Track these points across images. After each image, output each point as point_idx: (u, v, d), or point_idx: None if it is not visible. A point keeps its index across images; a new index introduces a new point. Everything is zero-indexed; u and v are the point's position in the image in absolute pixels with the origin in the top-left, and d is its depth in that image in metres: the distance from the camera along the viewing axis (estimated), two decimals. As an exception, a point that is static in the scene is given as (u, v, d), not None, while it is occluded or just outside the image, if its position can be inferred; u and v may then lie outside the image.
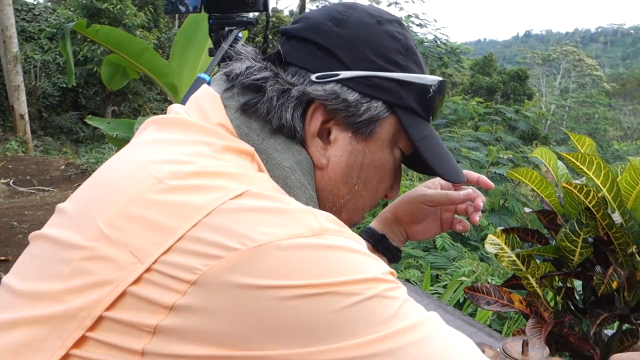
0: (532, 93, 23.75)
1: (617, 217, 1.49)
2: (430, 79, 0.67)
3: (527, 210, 1.64)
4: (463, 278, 2.95)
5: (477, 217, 0.95)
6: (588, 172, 1.40)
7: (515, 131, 9.86)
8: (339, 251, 0.50)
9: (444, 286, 3.22)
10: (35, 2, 14.21)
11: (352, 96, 0.64)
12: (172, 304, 0.46)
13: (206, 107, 0.63)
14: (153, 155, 0.57)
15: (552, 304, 1.65)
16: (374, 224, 1.01)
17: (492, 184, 0.96)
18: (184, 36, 4.59)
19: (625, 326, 1.58)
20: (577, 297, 1.69)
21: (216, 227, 0.49)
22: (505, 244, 1.62)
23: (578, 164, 1.38)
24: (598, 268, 1.45)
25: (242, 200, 0.51)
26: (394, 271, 0.55)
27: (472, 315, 2.39)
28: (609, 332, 1.68)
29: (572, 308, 1.68)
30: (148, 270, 0.48)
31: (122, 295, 0.47)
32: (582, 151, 1.50)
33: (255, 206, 0.51)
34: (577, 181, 1.46)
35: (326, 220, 0.52)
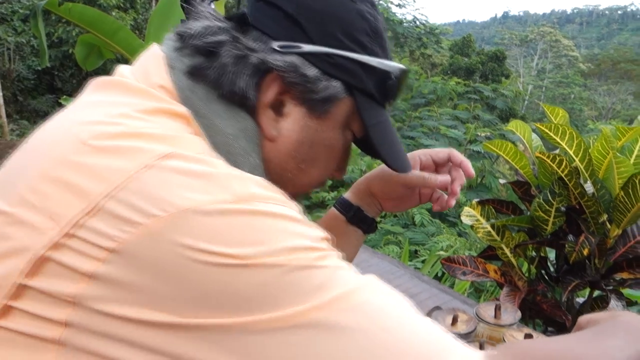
0: (509, 73, 23.92)
1: (589, 187, 1.52)
2: (393, 65, 0.66)
3: (501, 181, 1.66)
4: (441, 252, 2.99)
5: (452, 202, 0.92)
6: (561, 143, 1.42)
7: (494, 111, 9.95)
8: (265, 218, 0.48)
9: (423, 261, 3.27)
10: (4, -19, 13.71)
11: (312, 72, 0.61)
12: (92, 272, 0.44)
13: (150, 68, 0.61)
14: (81, 117, 0.55)
15: (526, 273, 1.68)
16: (348, 195, 0.98)
17: (473, 172, 0.93)
18: (159, 16, 4.49)
19: (596, 293, 1.63)
20: (551, 266, 1.73)
21: (136, 191, 0.46)
22: (481, 215, 1.64)
23: (551, 134, 1.40)
24: (570, 237, 1.48)
25: (166, 162, 0.49)
26: (329, 236, 0.54)
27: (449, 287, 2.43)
28: (581, 300, 1.73)
29: (546, 277, 1.73)
30: (68, 235, 0.45)
31: (43, 262, 0.46)
32: (556, 122, 1.52)
33: (179, 168, 0.48)
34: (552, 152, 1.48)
35: (256, 186, 0.51)
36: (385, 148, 0.68)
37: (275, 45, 0.61)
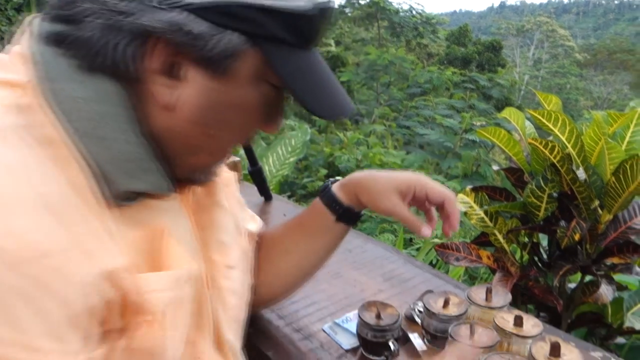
0: (505, 63, 23.88)
1: (581, 174, 1.54)
2: (299, 5, 0.57)
3: (495, 168, 1.67)
4: (436, 240, 3.00)
5: (428, 233, 0.88)
6: (553, 129, 1.43)
7: (491, 101, 9.95)
8: None
9: (417, 249, 3.29)
10: (-5, -31, 13.55)
11: (200, 27, 0.54)
12: None
13: (17, 35, 0.58)
14: None
15: (518, 259, 1.70)
16: (337, 191, 0.91)
17: (457, 227, 0.90)
18: None
19: (588, 278, 1.65)
20: (543, 252, 1.75)
21: None
22: (475, 202, 1.66)
23: (544, 120, 1.41)
24: (562, 222, 1.49)
25: None
26: None
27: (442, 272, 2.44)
28: (572, 285, 1.75)
29: (538, 263, 1.74)
30: None
31: None
32: (549, 109, 1.53)
33: None
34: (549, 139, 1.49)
35: None
36: (309, 96, 0.60)
37: (155, 2, 0.53)
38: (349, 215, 0.91)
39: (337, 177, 0.98)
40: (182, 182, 0.65)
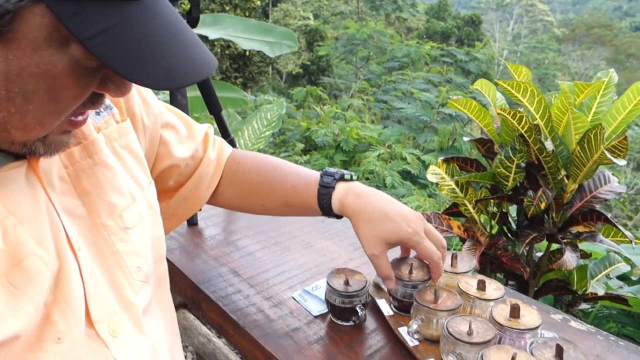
0: (485, 38, 23.91)
1: (549, 144, 1.56)
2: None
3: (465, 139, 1.69)
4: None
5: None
6: (522, 100, 1.45)
7: (470, 76, 10.01)
8: None
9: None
10: None
11: None
12: None
13: None
14: None
15: (488, 230, 1.74)
16: (336, 201, 0.90)
17: (439, 277, 0.92)
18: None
19: (554, 247, 1.70)
20: (512, 222, 1.79)
21: None
22: (446, 173, 1.68)
23: (513, 91, 1.43)
24: (530, 192, 1.53)
25: None
26: None
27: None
28: (539, 254, 1.80)
29: (507, 233, 1.79)
30: None
31: None
32: (518, 80, 1.55)
33: None
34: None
35: None
36: (123, 62, 0.49)
37: None
38: (335, 217, 0.92)
39: (345, 173, 0.94)
40: (23, 153, 0.58)
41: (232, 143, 1.61)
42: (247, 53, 12.83)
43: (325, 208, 0.91)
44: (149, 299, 0.73)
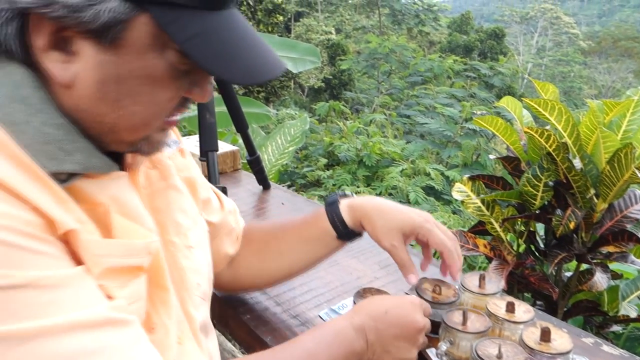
0: (508, 51, 23.76)
1: (577, 163, 1.54)
2: None
3: (491, 157, 1.68)
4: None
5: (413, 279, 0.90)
6: (550, 118, 1.44)
7: (493, 90, 9.92)
8: None
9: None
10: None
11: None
12: None
13: None
14: None
15: (515, 248, 1.72)
16: (345, 211, 0.92)
17: (457, 277, 0.92)
18: None
19: (583, 267, 1.66)
20: (540, 240, 1.76)
21: None
22: (472, 191, 1.67)
23: (540, 109, 1.42)
24: (558, 211, 1.51)
25: None
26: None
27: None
28: (569, 274, 1.77)
29: (535, 251, 1.76)
30: None
31: None
32: (546, 98, 1.53)
33: None
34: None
35: None
36: (213, 61, 0.56)
37: None
38: (350, 235, 0.92)
39: (347, 192, 0.98)
40: (130, 153, 0.65)
41: (257, 160, 1.63)
42: (270, 68, 12.95)
43: (337, 223, 0.91)
44: (205, 317, 0.77)
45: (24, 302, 0.47)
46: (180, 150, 0.83)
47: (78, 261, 0.55)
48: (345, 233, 0.91)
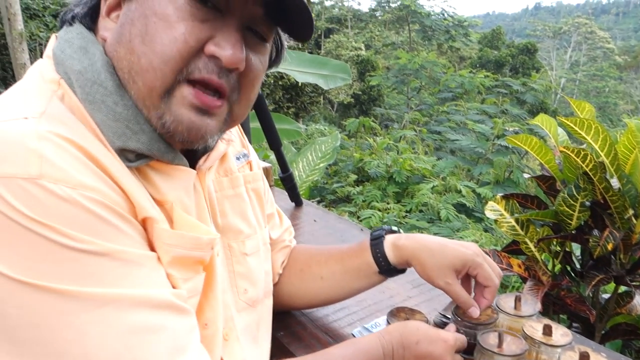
0: (541, 67, 23.42)
1: (615, 182, 1.51)
2: None
3: (526, 175, 1.66)
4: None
5: (476, 312, 0.90)
6: (586, 137, 1.42)
7: (524, 105, 9.77)
8: (55, 197, 0.50)
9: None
10: (38, -21, 14.11)
11: None
12: None
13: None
14: None
15: (550, 268, 1.68)
16: (389, 249, 0.92)
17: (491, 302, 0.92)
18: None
19: (622, 289, 1.62)
20: (575, 261, 1.72)
21: None
22: (505, 209, 1.65)
23: (576, 128, 1.40)
24: (595, 231, 1.47)
25: None
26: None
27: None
28: (606, 296, 1.72)
29: (570, 272, 1.72)
30: None
31: None
32: (582, 117, 1.52)
33: None
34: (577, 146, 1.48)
35: (49, 166, 0.50)
36: None
37: None
38: (392, 272, 0.94)
39: (393, 228, 0.98)
40: (190, 154, 0.68)
41: (290, 177, 1.65)
42: (300, 84, 13.12)
43: (380, 260, 0.92)
44: (249, 323, 0.80)
45: (102, 269, 0.52)
46: (249, 163, 0.88)
47: (151, 247, 0.60)
48: (387, 270, 0.93)
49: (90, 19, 0.66)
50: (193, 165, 0.70)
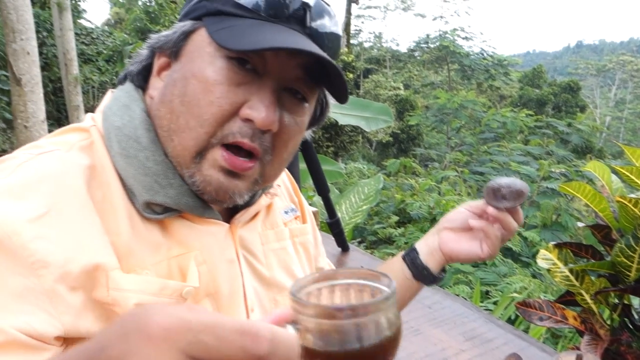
0: (585, 105, 22.91)
1: (676, 232, 1.45)
2: None
3: (580, 224, 1.61)
4: (514, 294, 2.87)
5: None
6: (644, 186, 1.37)
7: (568, 145, 9.54)
8: None
9: (494, 302, 3.16)
10: (93, 27, 15.00)
11: (171, 29, 0.67)
12: None
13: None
14: None
15: (608, 321, 1.60)
16: (420, 248, 0.95)
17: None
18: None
19: (688, 346, 1.52)
20: (635, 314, 1.64)
21: None
22: (558, 259, 1.60)
23: (632, 177, 1.36)
24: (657, 285, 1.41)
25: None
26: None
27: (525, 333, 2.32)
28: (670, 352, 1.62)
29: (630, 326, 1.63)
30: None
31: None
32: (638, 165, 1.47)
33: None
34: (632, 195, 1.43)
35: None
36: (224, 33, 0.60)
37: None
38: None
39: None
40: (225, 209, 0.71)
41: (337, 223, 1.66)
42: (339, 123, 13.24)
43: (412, 260, 0.93)
44: None
45: None
46: (297, 217, 0.89)
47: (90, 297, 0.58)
48: (420, 272, 0.92)
49: (143, 77, 0.70)
50: (231, 218, 0.72)
